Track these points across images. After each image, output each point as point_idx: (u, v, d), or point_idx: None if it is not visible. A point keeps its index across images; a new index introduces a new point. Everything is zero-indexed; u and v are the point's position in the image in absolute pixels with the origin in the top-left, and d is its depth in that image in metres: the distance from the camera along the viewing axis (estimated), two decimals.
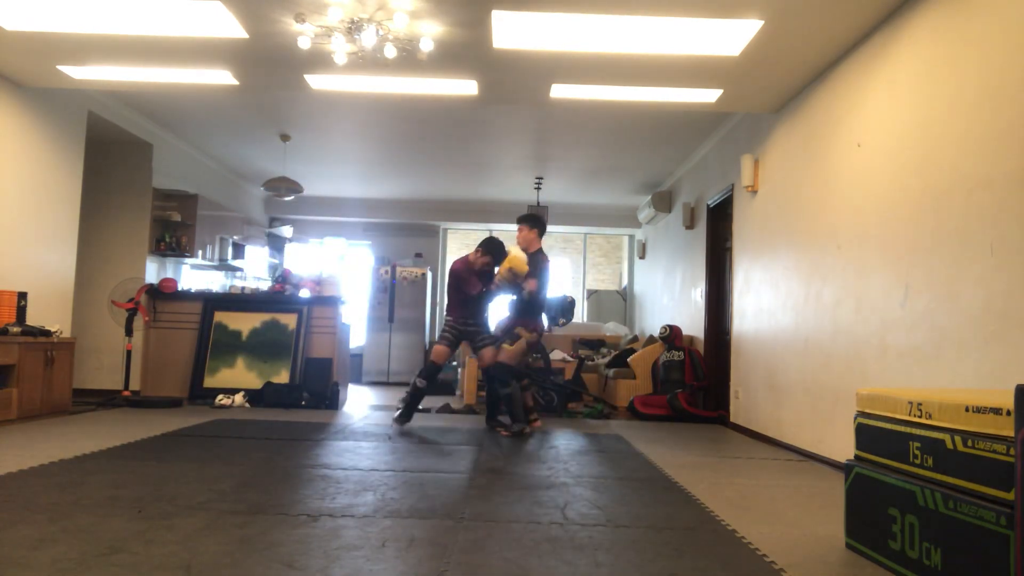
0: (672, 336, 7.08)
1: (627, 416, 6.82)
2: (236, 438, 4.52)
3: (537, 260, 5.29)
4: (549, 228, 10.20)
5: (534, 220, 5.48)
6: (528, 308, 5.33)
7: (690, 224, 7.50)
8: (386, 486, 3.22)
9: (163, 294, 6.65)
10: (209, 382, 6.50)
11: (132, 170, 7.16)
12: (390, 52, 4.27)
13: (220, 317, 6.82)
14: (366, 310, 10.25)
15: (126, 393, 6.35)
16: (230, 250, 8.80)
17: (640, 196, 9.54)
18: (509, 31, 4.17)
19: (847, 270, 4.15)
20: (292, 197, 8.19)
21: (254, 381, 6.53)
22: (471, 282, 5.34)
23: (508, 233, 11.28)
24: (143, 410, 5.75)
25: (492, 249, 5.32)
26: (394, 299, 10.22)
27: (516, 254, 5.22)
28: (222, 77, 5.10)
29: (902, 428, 2.24)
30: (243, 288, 7.32)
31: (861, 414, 2.49)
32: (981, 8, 3.08)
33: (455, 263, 5.46)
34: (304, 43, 4.23)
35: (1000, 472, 1.82)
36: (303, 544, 2.29)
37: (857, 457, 2.50)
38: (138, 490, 2.95)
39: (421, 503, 2.93)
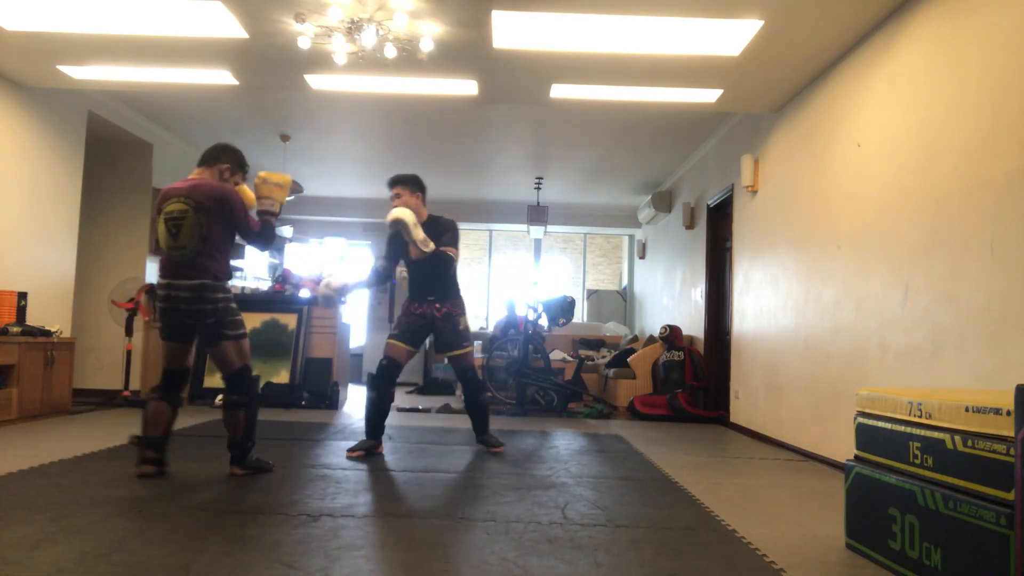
0: (672, 336, 7.08)
1: (627, 416, 6.82)
2: None
3: (442, 224, 4.24)
4: (549, 228, 10.26)
5: (416, 182, 4.29)
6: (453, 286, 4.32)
7: (690, 224, 7.50)
8: (386, 486, 3.21)
9: None
10: (209, 382, 6.49)
11: (132, 170, 7.16)
12: (390, 52, 4.27)
13: None
14: (366, 310, 10.24)
15: (126, 393, 6.34)
16: None
17: (640, 196, 9.54)
18: (509, 31, 4.17)
19: (847, 270, 4.15)
20: (292, 197, 8.19)
21: None
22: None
23: (508, 232, 11.34)
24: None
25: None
26: (394, 299, 10.21)
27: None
28: (222, 77, 5.09)
29: (902, 428, 2.24)
30: (243, 288, 7.32)
31: (861, 414, 2.49)
32: (981, 8, 3.08)
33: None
34: (304, 43, 4.23)
35: (1000, 472, 1.82)
36: (303, 544, 2.29)
37: (857, 457, 2.50)
38: (138, 490, 2.95)
39: (421, 503, 2.93)
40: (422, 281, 4.21)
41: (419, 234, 3.99)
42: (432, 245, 4.05)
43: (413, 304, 4.24)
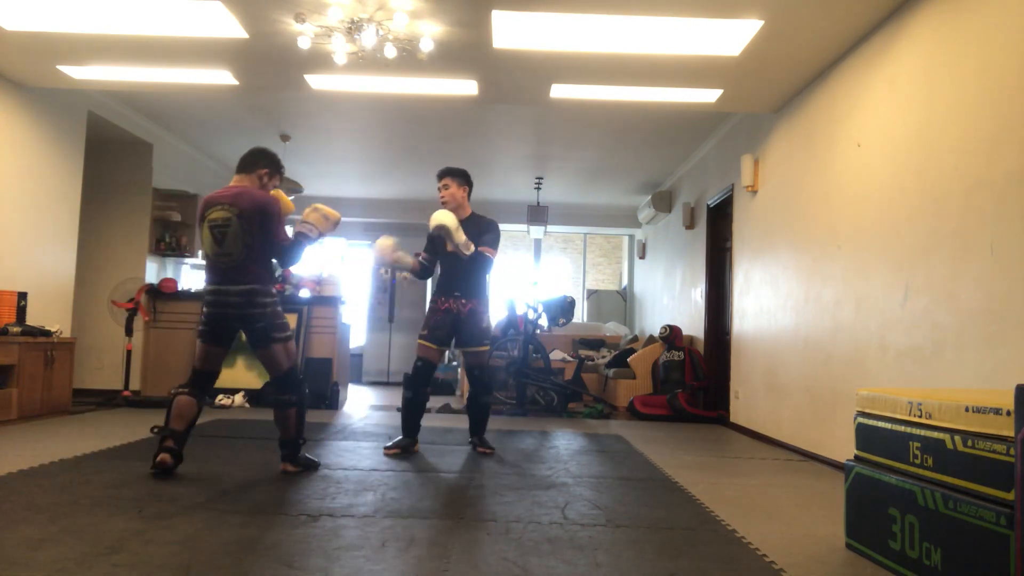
0: (672, 336, 7.08)
1: (627, 416, 6.82)
2: (236, 438, 4.52)
3: (484, 223, 4.28)
4: (549, 228, 10.25)
5: (465, 176, 4.35)
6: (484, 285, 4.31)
7: (690, 224, 7.50)
8: (386, 486, 3.22)
9: (163, 294, 6.65)
10: None
11: (132, 170, 7.16)
12: (390, 52, 4.27)
13: None
14: (366, 310, 10.25)
15: (126, 393, 6.35)
16: None
17: (640, 196, 9.54)
18: (509, 31, 4.17)
19: (847, 270, 4.15)
20: (292, 197, 8.19)
21: (254, 381, 6.52)
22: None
23: (508, 232, 11.32)
24: (143, 410, 5.75)
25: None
26: (394, 299, 10.21)
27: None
28: (222, 77, 5.10)
29: (902, 428, 2.24)
30: None
31: (861, 414, 2.49)
32: (981, 8, 3.08)
33: None
34: (304, 43, 4.23)
35: (1000, 472, 1.82)
36: (303, 544, 2.29)
37: (857, 457, 2.50)
38: (138, 490, 2.95)
39: (421, 503, 2.93)
40: (452, 276, 4.23)
41: (460, 237, 4.02)
42: (473, 247, 4.08)
43: (439, 298, 4.25)
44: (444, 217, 3.99)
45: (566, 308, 7.08)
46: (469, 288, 4.21)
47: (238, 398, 6.24)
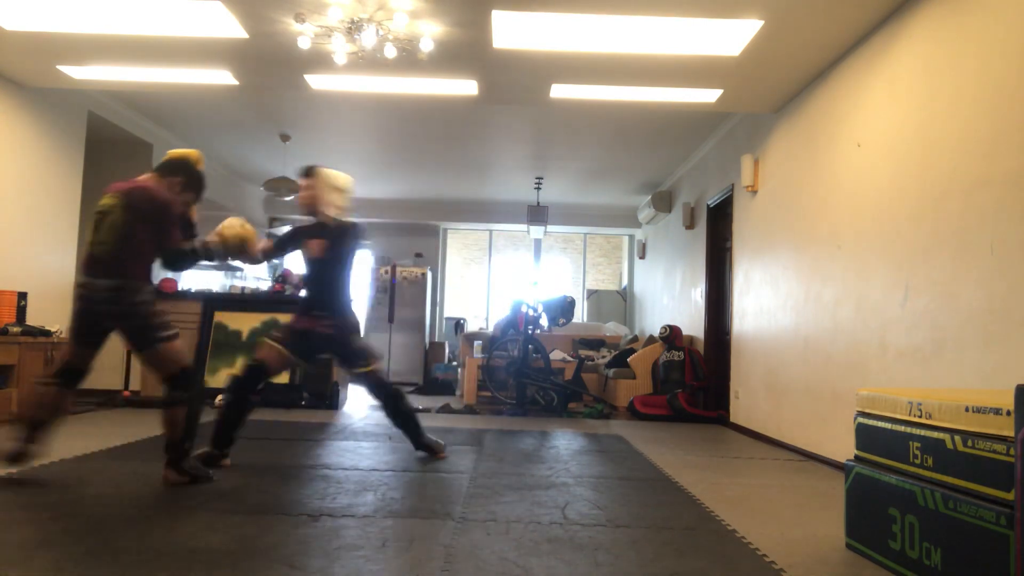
0: (672, 336, 7.07)
1: (627, 416, 6.82)
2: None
3: (345, 230, 3.70)
4: (549, 228, 10.26)
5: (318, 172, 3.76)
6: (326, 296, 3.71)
7: (690, 224, 7.50)
8: (386, 486, 3.22)
9: (163, 294, 6.63)
10: (209, 382, 6.48)
11: (132, 170, 7.06)
12: (390, 52, 4.27)
13: (220, 317, 6.81)
14: (366, 310, 10.25)
15: (126, 393, 6.34)
16: None
17: (640, 196, 9.54)
18: (509, 31, 4.17)
19: (847, 270, 4.15)
20: (292, 197, 8.18)
21: None
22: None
23: (508, 232, 11.34)
24: (143, 410, 5.75)
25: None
26: (394, 299, 10.22)
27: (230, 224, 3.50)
28: (222, 77, 5.10)
29: (902, 428, 2.24)
30: (243, 288, 7.32)
31: (861, 414, 2.49)
32: (980, 8, 3.08)
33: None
34: (304, 43, 4.23)
35: (1000, 472, 1.82)
36: (303, 544, 2.29)
37: (857, 457, 2.50)
38: (138, 490, 2.95)
39: (421, 503, 2.93)
40: (309, 289, 3.81)
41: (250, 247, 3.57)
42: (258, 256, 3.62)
43: (297, 317, 3.75)
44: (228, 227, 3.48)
45: (566, 308, 7.08)
46: (326, 302, 3.68)
47: None
